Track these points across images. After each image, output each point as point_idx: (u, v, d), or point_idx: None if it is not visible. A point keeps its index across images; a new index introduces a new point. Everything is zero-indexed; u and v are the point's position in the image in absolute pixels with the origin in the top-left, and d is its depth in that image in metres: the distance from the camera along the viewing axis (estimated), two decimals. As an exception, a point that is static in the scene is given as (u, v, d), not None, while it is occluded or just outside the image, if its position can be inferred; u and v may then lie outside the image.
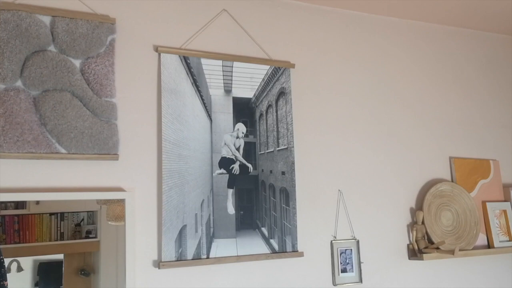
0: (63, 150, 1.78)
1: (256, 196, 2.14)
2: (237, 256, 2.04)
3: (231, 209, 2.08)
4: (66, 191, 1.80)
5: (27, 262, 1.81)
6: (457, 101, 2.84)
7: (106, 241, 1.91)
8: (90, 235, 1.91)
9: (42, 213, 1.81)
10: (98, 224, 1.91)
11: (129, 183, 1.92)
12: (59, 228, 1.83)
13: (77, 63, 1.85)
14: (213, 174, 2.07)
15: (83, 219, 1.89)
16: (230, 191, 2.09)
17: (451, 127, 2.78)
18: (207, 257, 1.99)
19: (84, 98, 1.83)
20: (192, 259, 1.96)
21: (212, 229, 2.03)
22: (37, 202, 1.81)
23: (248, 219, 2.11)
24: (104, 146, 1.84)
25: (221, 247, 2.03)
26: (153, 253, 1.93)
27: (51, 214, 1.83)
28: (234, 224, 2.08)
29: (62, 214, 1.85)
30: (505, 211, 2.73)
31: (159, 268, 1.89)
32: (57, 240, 1.83)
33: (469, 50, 2.96)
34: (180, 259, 1.94)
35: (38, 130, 1.74)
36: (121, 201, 1.87)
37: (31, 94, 1.76)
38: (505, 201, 2.77)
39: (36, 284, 1.85)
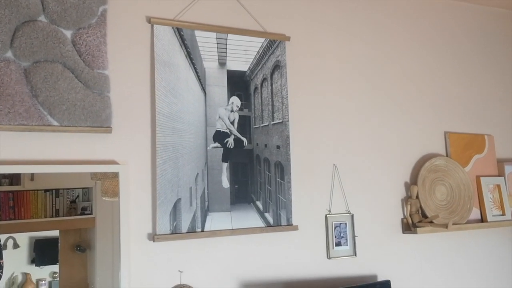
0: (55, 123, 1.75)
1: (250, 170, 2.13)
2: (232, 229, 2.04)
3: (225, 183, 2.07)
4: (59, 164, 1.78)
5: (23, 239, 1.80)
6: (453, 76, 2.83)
7: (101, 217, 1.91)
8: (86, 212, 1.91)
9: (37, 190, 1.80)
10: (94, 201, 1.90)
11: (123, 157, 1.91)
12: (54, 205, 1.83)
13: (68, 34, 1.81)
14: (208, 148, 2.05)
15: (78, 196, 1.88)
16: (225, 165, 2.08)
17: (447, 102, 2.77)
18: (202, 231, 1.99)
19: (76, 70, 1.80)
20: (186, 232, 1.96)
21: (206, 203, 2.02)
22: (32, 178, 1.79)
23: (242, 193, 2.10)
24: (97, 118, 1.82)
25: (216, 220, 2.03)
26: (147, 227, 1.92)
27: (46, 190, 1.82)
28: (228, 198, 2.07)
29: (57, 190, 1.84)
30: (498, 186, 2.74)
31: (153, 241, 1.89)
32: (52, 216, 1.83)
33: (465, 24, 2.93)
34: (175, 232, 1.93)
35: (30, 102, 1.72)
36: (115, 176, 1.86)
37: (22, 65, 1.73)
38: (499, 176, 2.79)
39: (32, 261, 1.84)
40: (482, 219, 2.67)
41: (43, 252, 1.87)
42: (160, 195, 1.92)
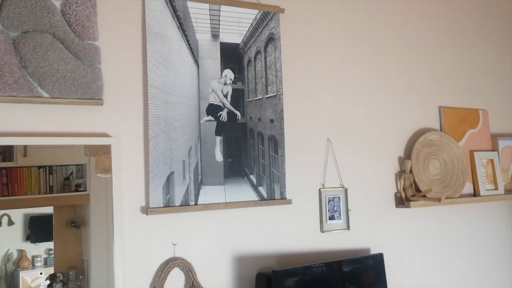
0: (45, 94, 1.73)
1: (244, 143, 2.12)
2: (226, 203, 2.04)
3: (219, 157, 2.06)
4: (50, 136, 1.76)
5: (18, 216, 1.80)
6: (448, 50, 2.81)
7: (95, 193, 1.90)
8: (80, 189, 1.90)
9: (30, 166, 1.79)
10: (87, 178, 1.89)
11: (115, 129, 1.89)
12: (48, 182, 1.82)
13: (57, 3, 1.77)
14: (201, 121, 2.04)
15: (72, 173, 1.87)
16: (218, 138, 2.07)
17: (442, 77, 2.76)
18: (195, 204, 1.99)
19: (65, 41, 1.77)
20: (180, 206, 1.95)
21: (200, 176, 2.02)
22: (25, 155, 1.78)
23: (236, 166, 2.10)
24: (87, 90, 1.79)
25: (209, 194, 2.02)
26: (140, 200, 1.92)
27: (39, 167, 1.81)
28: (222, 171, 2.06)
29: (50, 167, 1.83)
30: (492, 161, 2.75)
31: (147, 214, 1.89)
32: (46, 193, 1.82)
33: (462, -2, 2.90)
34: (168, 206, 1.93)
35: (19, 73, 1.69)
36: (108, 151, 1.84)
37: (10, 35, 1.70)
38: (492, 150, 2.79)
39: (27, 238, 1.84)
40: (475, 194, 2.68)
41: (38, 229, 1.86)
42: (153, 168, 1.91)
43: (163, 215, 1.94)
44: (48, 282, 1.85)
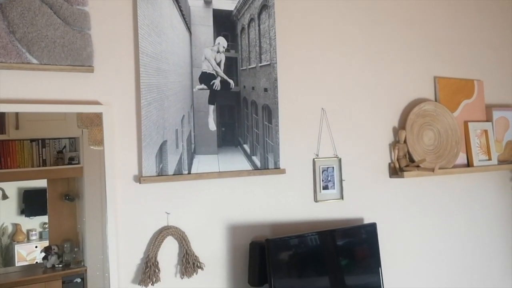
0: (34, 61, 1.69)
1: (238, 113, 2.10)
2: (219, 172, 2.03)
3: (212, 126, 2.04)
4: (40, 104, 1.73)
5: (12, 190, 1.79)
6: (444, 20, 2.77)
7: (89, 166, 1.88)
8: (73, 162, 1.88)
9: (23, 139, 1.77)
10: (81, 151, 1.87)
11: (106, 98, 1.86)
12: (41, 155, 1.80)
13: (44, -34, 1.72)
14: (194, 90, 2.01)
15: (65, 146, 1.85)
16: (211, 107, 2.04)
17: (437, 47, 2.73)
18: (189, 173, 1.98)
19: (54, 5, 1.72)
20: (173, 175, 1.94)
21: (193, 145, 2.00)
22: (17, 127, 1.75)
23: (229, 135, 2.08)
24: (77, 57, 1.75)
25: (203, 163, 2.01)
26: (133, 168, 1.90)
27: (31, 140, 1.79)
28: (215, 141, 2.05)
29: (43, 140, 1.81)
30: (486, 131, 2.75)
31: (140, 183, 1.88)
32: (39, 166, 1.80)
33: (459, -34, 2.85)
34: (161, 174, 1.92)
35: (7, 38, 1.65)
36: (100, 120, 1.81)
37: (-3, -1, 1.65)
38: (487, 121, 2.79)
39: (22, 212, 1.84)
40: (469, 164, 2.69)
41: (32, 203, 1.86)
42: (146, 137, 1.89)
43: (156, 184, 1.93)
44: (43, 254, 1.86)
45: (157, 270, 1.88)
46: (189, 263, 1.95)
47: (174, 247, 1.96)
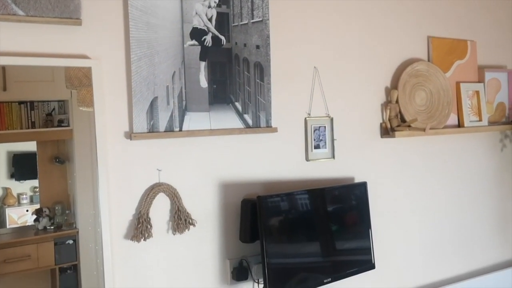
0: (20, 12, 1.64)
1: (229, 70, 2.07)
2: (211, 130, 2.02)
3: (203, 82, 2.02)
4: (27, 56, 1.69)
5: (1, 153, 1.78)
6: (440, -22, 2.73)
7: (79, 128, 1.87)
8: (63, 124, 1.87)
9: (11, 102, 1.75)
10: (70, 113, 1.86)
11: (95, 52, 1.82)
12: (29, 118, 1.79)
13: None
14: (184, 46, 1.97)
15: (54, 109, 1.84)
16: (203, 63, 2.01)
17: (431, 6, 2.70)
18: (180, 130, 1.96)
19: (39, -46, 1.67)
20: (164, 131, 1.92)
21: (184, 102, 1.98)
22: (4, 88, 1.73)
23: (221, 93, 2.06)
24: (65, 9, 1.71)
25: (194, 120, 2.00)
26: (124, 125, 1.88)
27: (20, 102, 1.77)
28: (207, 98, 2.03)
29: (31, 103, 1.79)
30: (477, 92, 2.75)
31: (130, 139, 1.86)
32: (28, 128, 1.79)
33: None
34: (152, 131, 1.90)
35: (-9, -12, 1.60)
36: (89, 80, 1.78)
37: None
38: (479, 82, 2.79)
39: (12, 176, 1.84)
40: (459, 125, 2.70)
41: (22, 167, 1.86)
42: (136, 93, 1.86)
43: (147, 141, 1.92)
44: (34, 217, 1.87)
45: (149, 226, 1.89)
46: (181, 220, 1.96)
47: (166, 204, 1.96)
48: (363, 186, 2.33)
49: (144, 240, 1.88)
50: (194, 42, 1.99)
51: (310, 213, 2.15)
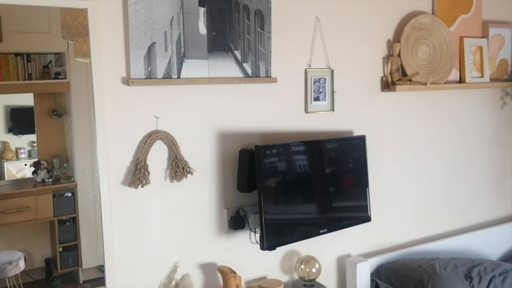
0: (13, -51, 1.59)
1: (229, 17, 2.02)
2: (209, 78, 1.99)
3: (202, 29, 1.97)
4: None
5: None
6: None
7: (76, 81, 1.86)
8: (59, 76, 1.86)
9: (7, 53, 1.74)
10: (67, 66, 1.85)
11: (91, -6, 1.77)
12: (26, 69, 1.78)
13: None
14: (183, -10, 1.92)
15: (50, 61, 1.83)
16: (202, 9, 1.96)
17: (438, -43, 2.62)
18: (178, 77, 1.93)
19: None
20: (162, 78, 1.89)
21: (183, 49, 1.94)
22: (1, 40, 1.70)
23: (220, 40, 2.02)
24: None
25: (193, 68, 1.96)
26: (121, 70, 1.85)
27: (16, 54, 1.76)
28: (205, 45, 1.99)
29: (28, 55, 1.78)
30: (481, 48, 2.71)
31: (128, 85, 1.84)
32: (25, 80, 1.79)
33: None
34: (150, 77, 1.87)
35: None
36: (86, 30, 1.74)
37: None
38: (482, 37, 2.74)
39: (9, 130, 1.84)
40: (461, 81, 2.67)
41: (19, 121, 1.86)
42: (133, 38, 1.82)
43: (145, 87, 1.89)
44: (32, 169, 1.87)
45: (146, 173, 1.89)
46: (178, 168, 1.95)
47: (163, 151, 1.95)
48: (361, 139, 2.33)
49: (141, 186, 1.88)
50: (193, -14, 1.93)
51: (308, 165, 2.15)
